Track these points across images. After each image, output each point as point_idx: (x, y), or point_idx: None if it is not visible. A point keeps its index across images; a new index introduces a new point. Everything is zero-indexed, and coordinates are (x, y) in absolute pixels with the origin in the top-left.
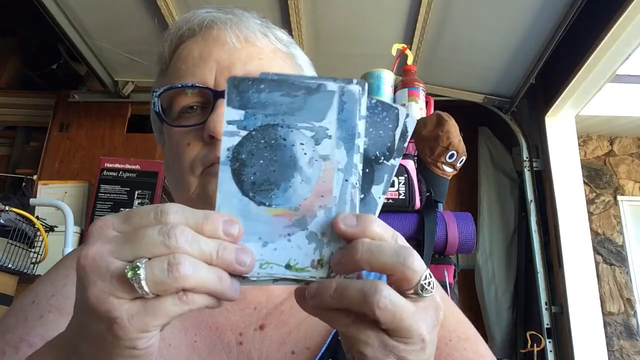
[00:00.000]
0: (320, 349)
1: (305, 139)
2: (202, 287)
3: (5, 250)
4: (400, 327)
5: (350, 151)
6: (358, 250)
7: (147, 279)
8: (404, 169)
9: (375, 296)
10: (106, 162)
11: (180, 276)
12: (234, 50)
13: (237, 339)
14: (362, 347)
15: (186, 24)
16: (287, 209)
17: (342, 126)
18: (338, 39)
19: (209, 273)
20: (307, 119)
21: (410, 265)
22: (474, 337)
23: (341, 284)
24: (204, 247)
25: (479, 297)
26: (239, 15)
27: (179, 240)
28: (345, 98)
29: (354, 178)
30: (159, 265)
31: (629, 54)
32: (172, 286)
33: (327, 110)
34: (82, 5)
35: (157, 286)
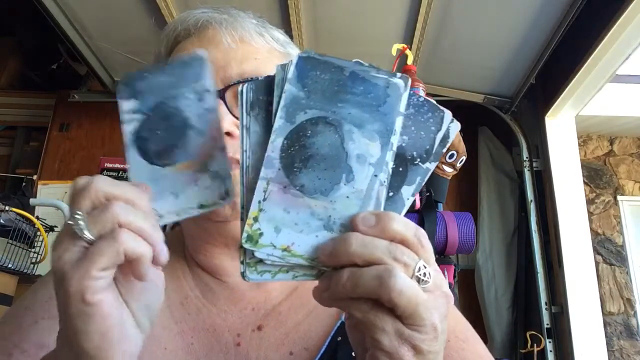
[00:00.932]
0: (319, 350)
1: (190, 101)
2: (136, 227)
3: (5, 250)
4: (415, 314)
5: (385, 147)
6: (351, 244)
7: (86, 221)
8: None
9: (391, 280)
10: (106, 162)
11: (112, 212)
12: (229, 50)
13: (234, 340)
14: (378, 335)
15: (182, 24)
16: (187, 161)
17: (381, 119)
18: (338, 38)
19: (141, 216)
20: (184, 84)
21: (401, 258)
22: (472, 337)
23: (354, 272)
24: (124, 190)
25: (479, 297)
26: (235, 15)
27: (100, 186)
28: (389, 91)
29: (384, 175)
30: (96, 211)
31: (629, 54)
32: (108, 223)
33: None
34: (82, 5)
35: (96, 227)
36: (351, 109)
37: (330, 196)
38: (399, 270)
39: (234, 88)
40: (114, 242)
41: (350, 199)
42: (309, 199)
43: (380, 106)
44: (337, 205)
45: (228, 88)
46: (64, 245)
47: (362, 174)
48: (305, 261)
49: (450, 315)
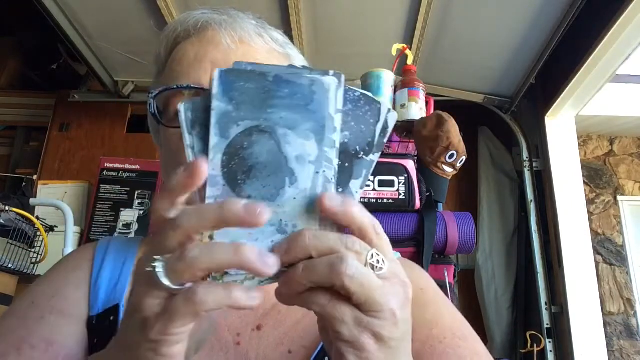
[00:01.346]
0: (316, 348)
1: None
2: (216, 265)
3: (5, 250)
4: (370, 299)
5: (320, 143)
6: (305, 236)
7: (164, 270)
8: (404, 169)
9: (343, 265)
10: (106, 162)
11: (189, 259)
12: (228, 50)
13: (234, 340)
14: (338, 326)
15: (181, 25)
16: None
17: (311, 118)
18: (338, 38)
19: (223, 247)
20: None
21: (352, 247)
22: (469, 335)
23: (308, 264)
24: (209, 216)
25: (479, 297)
26: (234, 16)
27: (184, 222)
28: (315, 88)
29: (329, 172)
30: (173, 256)
31: (629, 54)
32: (186, 271)
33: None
34: (82, 5)
35: (174, 276)
36: (281, 112)
37: (278, 201)
38: (350, 257)
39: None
40: (189, 303)
41: (297, 200)
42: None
43: (308, 105)
44: (286, 208)
45: None
46: (145, 287)
47: (304, 173)
48: None
49: (448, 313)
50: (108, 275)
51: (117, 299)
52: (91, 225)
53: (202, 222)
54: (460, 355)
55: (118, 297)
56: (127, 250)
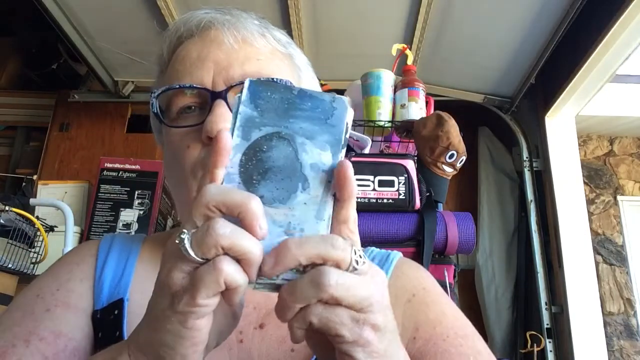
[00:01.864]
0: None
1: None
2: (240, 247)
3: (5, 250)
4: (358, 298)
5: (335, 155)
6: (290, 246)
7: (190, 242)
8: (404, 169)
9: (325, 277)
10: (106, 162)
11: (216, 233)
12: (231, 51)
13: (237, 337)
14: (339, 330)
15: (184, 25)
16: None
17: (329, 131)
18: (338, 39)
19: (247, 237)
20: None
21: (339, 246)
22: (471, 334)
23: (290, 286)
24: (234, 198)
25: (479, 297)
26: (237, 15)
27: (210, 195)
28: (335, 105)
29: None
30: (200, 229)
31: (629, 54)
32: (211, 244)
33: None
34: (82, 5)
35: (200, 248)
36: (302, 123)
37: (289, 204)
38: (327, 269)
39: (236, 89)
40: (214, 271)
41: (308, 205)
42: (269, 208)
43: (328, 119)
44: (295, 212)
45: (230, 89)
46: (172, 262)
47: (317, 181)
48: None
49: (449, 312)
50: (112, 270)
51: (120, 294)
52: (91, 225)
53: (223, 201)
54: (462, 354)
55: (122, 292)
56: (131, 246)
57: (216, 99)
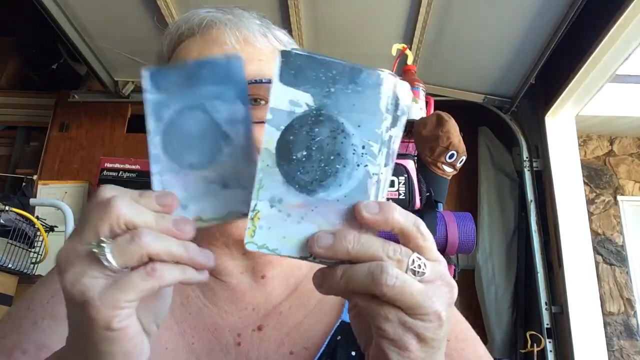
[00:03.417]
0: (318, 350)
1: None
2: (167, 254)
3: (5, 250)
4: (414, 304)
5: (244, 103)
6: (351, 241)
7: (112, 250)
8: (404, 169)
9: (382, 275)
10: (106, 162)
11: (143, 243)
12: (233, 51)
13: (235, 340)
14: (382, 324)
15: (185, 23)
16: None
17: (232, 86)
18: (338, 39)
19: (172, 242)
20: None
21: (393, 255)
22: (472, 337)
23: (347, 270)
24: (144, 217)
25: (479, 297)
26: (239, 15)
27: (120, 210)
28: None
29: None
30: (122, 238)
31: (629, 54)
32: (138, 254)
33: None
34: (82, 5)
35: (123, 258)
36: (204, 89)
37: (215, 160)
38: (389, 266)
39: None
40: (149, 277)
41: (234, 157)
42: (202, 171)
43: (228, 77)
44: (224, 166)
45: None
46: (83, 270)
47: (237, 132)
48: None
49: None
50: None
51: None
52: None
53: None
54: (464, 357)
55: None
56: None
57: None
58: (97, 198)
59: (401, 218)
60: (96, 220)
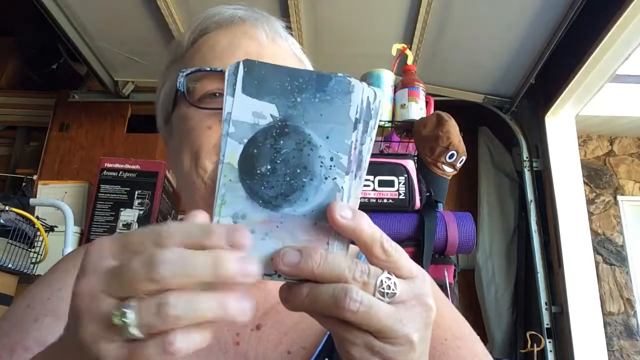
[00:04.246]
0: (316, 349)
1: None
2: (197, 320)
3: (5, 250)
4: (381, 329)
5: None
6: (317, 261)
7: (136, 324)
8: (404, 169)
9: (345, 299)
10: (106, 162)
11: (170, 317)
12: (262, 45)
13: (233, 339)
14: (349, 347)
15: (212, 17)
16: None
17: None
18: (338, 39)
19: (208, 302)
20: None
21: (359, 277)
22: (469, 335)
23: (312, 290)
24: (194, 268)
25: (479, 297)
26: (266, 16)
27: (162, 270)
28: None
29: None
30: (147, 307)
31: (629, 54)
32: (165, 328)
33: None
34: (82, 5)
35: (149, 330)
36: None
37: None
38: (354, 290)
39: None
40: (164, 354)
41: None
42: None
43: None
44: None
45: None
46: (103, 332)
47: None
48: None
49: (448, 314)
50: None
51: None
52: (91, 225)
53: (187, 278)
54: (460, 356)
55: None
56: None
57: None
58: (145, 242)
59: (368, 231)
60: (133, 275)
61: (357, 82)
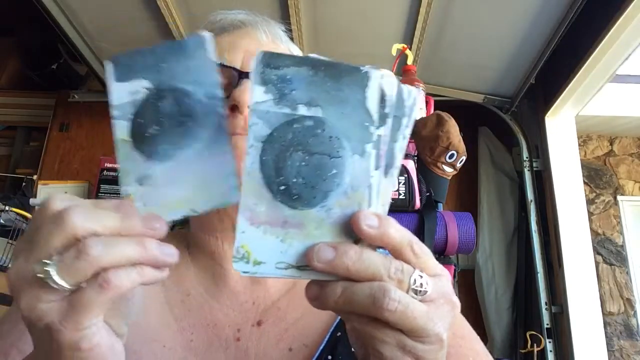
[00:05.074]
0: (318, 347)
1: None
2: (122, 260)
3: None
4: (415, 327)
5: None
6: (352, 258)
7: (58, 272)
8: (404, 169)
9: (385, 299)
10: (106, 162)
11: (91, 257)
12: (262, 44)
13: (234, 335)
14: (379, 346)
15: (218, 22)
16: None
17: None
18: (338, 39)
19: (126, 243)
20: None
21: (395, 274)
22: (469, 334)
23: (347, 289)
24: (106, 222)
25: (479, 297)
26: (267, 19)
27: (76, 222)
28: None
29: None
30: (67, 255)
31: (629, 54)
32: (89, 270)
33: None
34: (82, 5)
35: (73, 277)
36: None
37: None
38: (392, 288)
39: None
40: (104, 290)
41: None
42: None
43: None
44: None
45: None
46: (36, 295)
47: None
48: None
49: None
50: None
51: None
52: None
53: (96, 224)
54: (461, 354)
55: None
56: None
57: (244, 78)
58: (47, 209)
59: (396, 236)
60: (46, 235)
61: (376, 72)
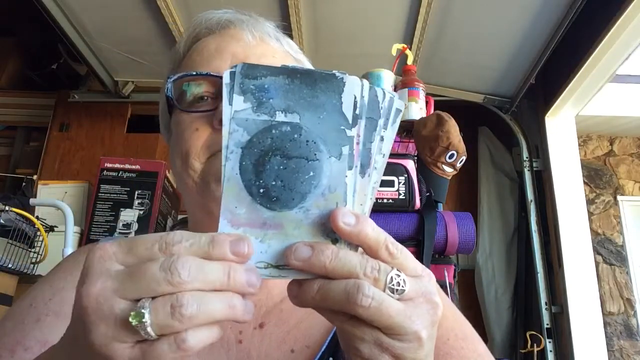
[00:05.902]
0: (320, 348)
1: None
2: (210, 320)
3: (5, 250)
4: (391, 325)
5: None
6: (329, 256)
7: (152, 324)
8: (404, 169)
9: (358, 295)
10: (106, 162)
11: (185, 318)
12: (249, 46)
13: (236, 337)
14: (357, 344)
15: (204, 22)
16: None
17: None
18: (338, 39)
19: (218, 303)
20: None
21: (370, 273)
22: (471, 336)
23: (323, 285)
24: (210, 276)
25: (479, 297)
26: (255, 17)
27: (182, 275)
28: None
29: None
30: (162, 307)
31: (629, 54)
32: (178, 329)
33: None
34: (82, 5)
35: (161, 330)
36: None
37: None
38: (366, 285)
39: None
40: (179, 350)
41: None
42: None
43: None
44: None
45: None
46: (115, 333)
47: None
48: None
49: (450, 314)
50: None
51: None
52: (91, 225)
53: (202, 283)
54: (463, 356)
55: None
56: None
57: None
58: (160, 243)
59: (372, 235)
60: (149, 277)
61: (351, 77)
